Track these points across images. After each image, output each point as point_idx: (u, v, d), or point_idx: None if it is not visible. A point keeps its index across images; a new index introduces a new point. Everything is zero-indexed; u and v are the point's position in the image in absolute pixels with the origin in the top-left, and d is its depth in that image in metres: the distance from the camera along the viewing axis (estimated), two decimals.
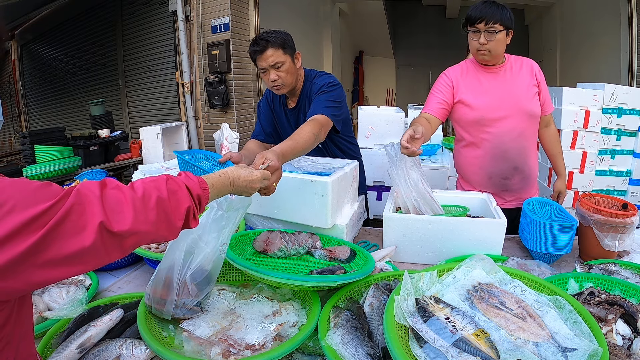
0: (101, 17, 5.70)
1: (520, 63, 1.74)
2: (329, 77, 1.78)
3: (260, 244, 1.37)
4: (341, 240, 1.48)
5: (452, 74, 1.76)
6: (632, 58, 3.99)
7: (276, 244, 1.33)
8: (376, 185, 3.25)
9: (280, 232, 1.40)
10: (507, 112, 1.69)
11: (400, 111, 3.32)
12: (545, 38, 7.78)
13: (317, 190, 1.44)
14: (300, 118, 1.81)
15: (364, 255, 1.33)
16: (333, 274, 1.14)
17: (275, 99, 1.87)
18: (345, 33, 9.12)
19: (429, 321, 0.84)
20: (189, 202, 0.78)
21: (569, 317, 0.87)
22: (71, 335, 0.99)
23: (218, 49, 4.08)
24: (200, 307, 1.07)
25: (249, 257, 1.31)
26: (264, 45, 1.60)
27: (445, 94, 1.74)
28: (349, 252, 1.34)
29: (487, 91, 1.70)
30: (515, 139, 1.72)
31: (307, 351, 0.99)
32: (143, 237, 0.70)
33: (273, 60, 1.62)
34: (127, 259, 1.56)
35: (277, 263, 1.30)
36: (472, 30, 1.62)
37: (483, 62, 1.71)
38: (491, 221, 1.43)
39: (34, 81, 7.20)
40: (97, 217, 0.62)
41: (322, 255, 1.34)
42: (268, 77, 1.66)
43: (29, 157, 3.37)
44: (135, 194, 0.69)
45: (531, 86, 1.71)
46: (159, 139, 3.68)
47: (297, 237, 1.40)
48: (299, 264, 1.32)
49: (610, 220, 1.37)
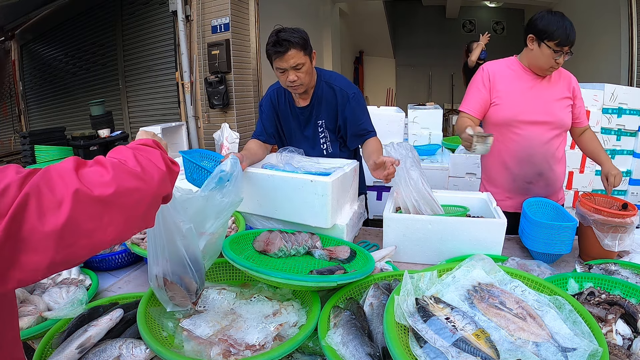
0: (101, 17, 5.69)
1: (559, 74, 1.76)
2: (344, 79, 1.79)
3: (260, 244, 1.36)
4: (341, 240, 1.48)
5: (491, 70, 1.76)
6: (632, 58, 3.99)
7: (276, 244, 1.33)
8: (376, 185, 3.25)
9: (280, 232, 1.40)
10: (538, 118, 1.70)
11: (400, 111, 3.32)
12: None
13: (317, 191, 1.44)
14: (313, 116, 1.79)
15: (364, 255, 1.33)
16: (333, 274, 1.14)
17: (280, 98, 1.83)
18: (345, 33, 9.13)
19: (429, 321, 0.84)
20: (160, 150, 0.79)
21: (569, 317, 0.87)
22: (71, 335, 0.99)
23: (218, 49, 4.08)
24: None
25: (249, 257, 1.31)
26: (286, 47, 1.53)
27: (484, 92, 1.75)
28: (349, 252, 1.34)
29: (523, 94, 1.72)
30: (542, 145, 1.72)
31: (307, 351, 0.99)
32: (133, 195, 0.64)
33: (295, 62, 1.57)
34: (127, 259, 1.56)
35: (277, 263, 1.30)
36: (554, 50, 1.60)
37: (542, 73, 1.71)
38: (491, 221, 1.43)
39: (34, 81, 7.20)
40: (72, 186, 0.56)
41: (322, 255, 1.34)
42: (286, 77, 1.61)
43: (29, 157, 3.38)
44: (109, 159, 0.67)
45: (565, 98, 1.73)
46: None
47: (297, 237, 1.40)
48: (299, 264, 1.32)
49: (610, 220, 1.37)
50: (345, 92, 1.72)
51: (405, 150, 1.63)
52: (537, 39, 1.63)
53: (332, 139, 1.82)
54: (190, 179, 1.45)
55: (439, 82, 10.10)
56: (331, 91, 1.73)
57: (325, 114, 1.77)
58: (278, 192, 1.53)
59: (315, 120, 1.79)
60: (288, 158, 1.69)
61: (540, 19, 1.61)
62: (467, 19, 9.71)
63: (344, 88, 1.72)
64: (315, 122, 1.79)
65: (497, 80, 1.74)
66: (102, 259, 1.51)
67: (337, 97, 1.73)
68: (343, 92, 1.72)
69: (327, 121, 1.78)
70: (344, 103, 1.72)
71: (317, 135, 1.81)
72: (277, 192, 1.53)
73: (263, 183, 1.55)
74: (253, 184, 1.57)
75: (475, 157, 3.13)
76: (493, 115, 1.76)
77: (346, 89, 1.72)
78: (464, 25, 9.76)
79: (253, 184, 1.58)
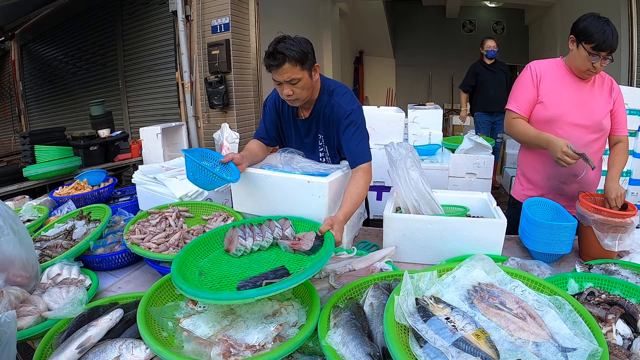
0: (101, 17, 5.70)
1: (603, 78, 1.75)
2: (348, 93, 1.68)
3: (225, 242, 1.32)
4: (315, 222, 1.39)
5: (538, 69, 1.76)
6: (632, 58, 3.99)
7: (234, 244, 1.27)
8: (376, 185, 3.24)
9: (244, 225, 1.35)
10: (579, 121, 1.70)
11: (400, 111, 3.32)
12: (545, 38, 7.78)
13: (314, 192, 1.43)
14: (312, 129, 1.73)
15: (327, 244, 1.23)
16: (278, 277, 1.07)
17: (284, 104, 1.75)
18: (345, 33, 9.13)
19: (429, 321, 0.84)
20: None
21: (569, 317, 0.87)
22: (71, 335, 0.99)
23: (218, 49, 4.08)
24: None
25: (214, 260, 1.26)
26: (281, 60, 1.45)
27: (532, 90, 1.75)
28: (311, 241, 1.26)
29: (566, 95, 1.71)
30: (580, 148, 1.68)
31: (307, 351, 0.99)
32: None
33: (289, 77, 1.48)
34: (127, 259, 1.56)
35: (234, 264, 1.23)
36: (590, 53, 1.58)
37: (581, 76, 1.71)
38: (491, 221, 1.43)
39: (34, 81, 7.20)
40: None
41: (287, 248, 1.28)
42: (282, 90, 1.54)
43: (29, 157, 3.37)
44: None
45: (607, 103, 1.73)
46: (159, 139, 3.67)
47: (263, 228, 1.33)
48: (257, 263, 1.23)
49: (610, 221, 1.37)
50: (343, 110, 1.62)
51: (405, 151, 1.63)
52: (577, 40, 1.62)
53: (331, 154, 1.78)
54: (192, 179, 1.45)
55: (439, 82, 10.10)
56: (330, 107, 1.66)
57: (324, 130, 1.72)
58: (276, 192, 1.53)
59: (316, 134, 1.75)
60: (288, 159, 1.68)
61: (583, 20, 1.60)
62: (467, 19, 9.71)
63: (342, 105, 1.63)
64: (315, 135, 1.75)
65: (544, 78, 1.74)
66: (102, 259, 1.51)
67: (334, 114, 1.65)
68: (341, 110, 1.62)
69: (326, 137, 1.74)
70: (340, 122, 1.63)
71: (317, 149, 1.78)
72: (275, 192, 1.53)
73: (261, 183, 1.55)
74: (251, 184, 1.57)
75: (474, 157, 3.13)
76: (537, 113, 1.76)
77: (345, 105, 1.63)
78: (463, 25, 9.76)
79: (251, 184, 1.57)
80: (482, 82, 4.65)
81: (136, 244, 1.45)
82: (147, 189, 1.98)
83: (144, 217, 1.68)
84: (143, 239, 1.49)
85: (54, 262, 1.39)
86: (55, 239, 1.60)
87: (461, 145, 3.19)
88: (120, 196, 2.42)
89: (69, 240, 1.60)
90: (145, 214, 1.69)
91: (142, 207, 2.07)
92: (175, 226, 1.62)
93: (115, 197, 2.40)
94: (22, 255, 1.21)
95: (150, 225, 1.61)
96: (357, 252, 1.43)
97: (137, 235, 1.51)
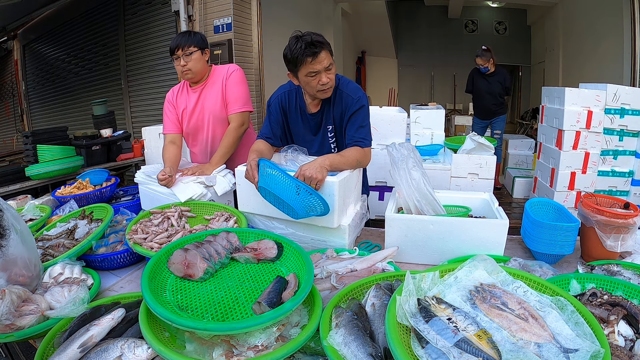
0: (103, 17, 5.71)
1: None
2: (351, 82, 1.76)
3: (179, 268, 1.15)
4: (260, 232, 1.38)
5: None
6: (634, 58, 3.98)
7: (199, 267, 1.14)
8: (378, 186, 3.24)
9: (196, 246, 1.22)
10: None
11: (403, 111, 3.31)
12: (547, 38, 7.77)
13: (323, 191, 1.43)
14: (323, 122, 1.78)
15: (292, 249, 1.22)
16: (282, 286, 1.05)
17: (290, 102, 1.81)
18: (347, 33, 9.12)
19: (431, 321, 0.84)
20: None
21: (571, 318, 0.86)
22: (73, 335, 0.99)
23: (220, 48, 4.08)
24: None
25: (177, 289, 1.10)
26: (320, 47, 1.53)
27: None
28: (275, 247, 1.24)
29: None
30: None
31: (309, 351, 0.99)
32: None
33: (327, 63, 1.57)
34: (129, 259, 1.57)
35: (203, 290, 1.10)
36: None
37: None
38: (493, 221, 1.43)
39: (37, 81, 7.23)
40: None
41: (249, 259, 1.24)
42: (318, 80, 1.58)
43: (32, 157, 3.38)
44: None
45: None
46: (162, 139, 3.67)
47: (215, 245, 1.25)
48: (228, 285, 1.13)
49: (613, 221, 1.37)
50: (351, 98, 1.70)
51: (407, 151, 1.63)
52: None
53: (341, 144, 1.81)
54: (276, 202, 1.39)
55: (441, 82, 10.10)
56: (339, 97, 1.72)
57: (333, 121, 1.76)
58: None
59: (325, 126, 1.78)
60: (292, 157, 1.68)
61: None
62: (469, 19, 9.71)
63: (350, 93, 1.71)
64: (325, 128, 1.78)
65: None
66: (104, 258, 1.51)
67: (343, 103, 1.71)
68: (349, 98, 1.71)
69: (336, 128, 1.77)
70: (348, 109, 1.71)
71: (327, 141, 1.81)
72: None
73: None
74: None
75: (476, 158, 3.12)
76: None
77: (352, 93, 1.71)
78: (466, 25, 9.76)
79: None
80: (477, 89, 4.82)
81: (138, 244, 1.45)
82: (150, 188, 1.99)
83: (146, 216, 1.68)
84: (145, 239, 1.49)
85: (56, 262, 1.39)
86: (57, 239, 1.60)
87: (463, 145, 3.18)
88: (123, 196, 2.42)
89: (71, 239, 1.60)
90: (147, 213, 1.69)
91: (144, 206, 2.07)
92: (177, 226, 1.62)
93: (118, 197, 2.40)
94: (25, 254, 1.21)
95: (152, 225, 1.61)
96: (359, 252, 1.43)
97: (140, 235, 1.51)
